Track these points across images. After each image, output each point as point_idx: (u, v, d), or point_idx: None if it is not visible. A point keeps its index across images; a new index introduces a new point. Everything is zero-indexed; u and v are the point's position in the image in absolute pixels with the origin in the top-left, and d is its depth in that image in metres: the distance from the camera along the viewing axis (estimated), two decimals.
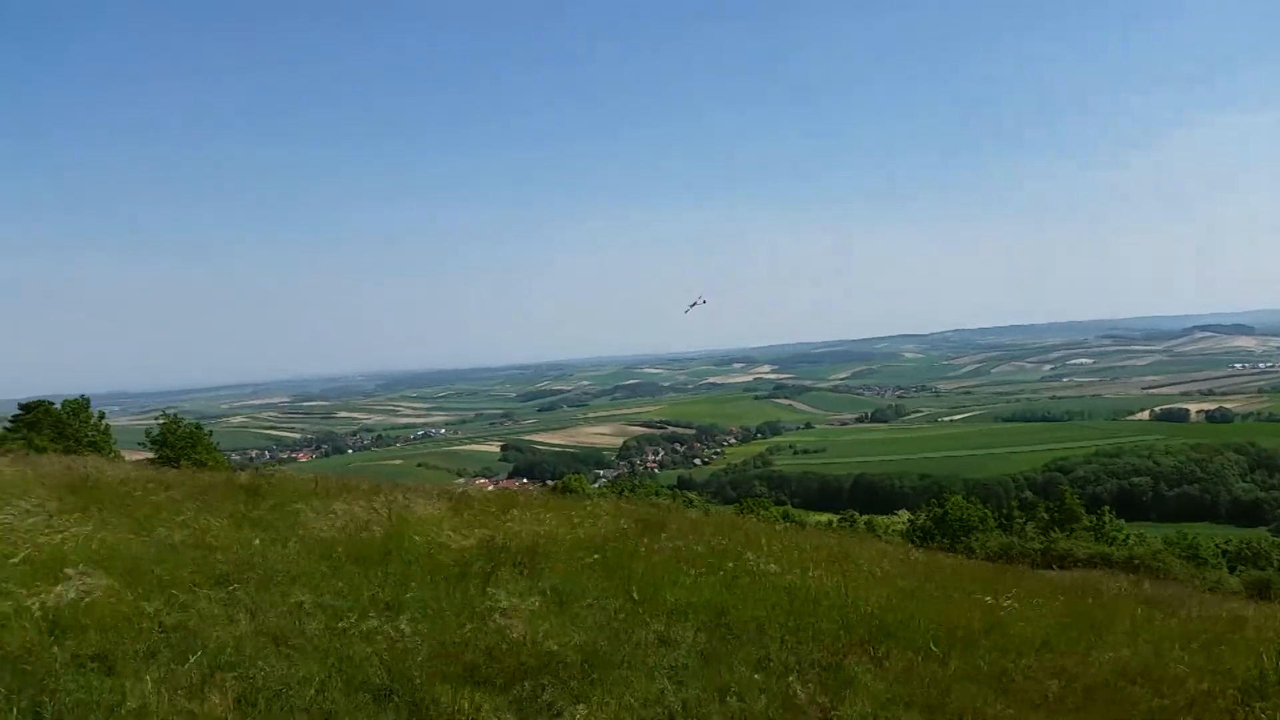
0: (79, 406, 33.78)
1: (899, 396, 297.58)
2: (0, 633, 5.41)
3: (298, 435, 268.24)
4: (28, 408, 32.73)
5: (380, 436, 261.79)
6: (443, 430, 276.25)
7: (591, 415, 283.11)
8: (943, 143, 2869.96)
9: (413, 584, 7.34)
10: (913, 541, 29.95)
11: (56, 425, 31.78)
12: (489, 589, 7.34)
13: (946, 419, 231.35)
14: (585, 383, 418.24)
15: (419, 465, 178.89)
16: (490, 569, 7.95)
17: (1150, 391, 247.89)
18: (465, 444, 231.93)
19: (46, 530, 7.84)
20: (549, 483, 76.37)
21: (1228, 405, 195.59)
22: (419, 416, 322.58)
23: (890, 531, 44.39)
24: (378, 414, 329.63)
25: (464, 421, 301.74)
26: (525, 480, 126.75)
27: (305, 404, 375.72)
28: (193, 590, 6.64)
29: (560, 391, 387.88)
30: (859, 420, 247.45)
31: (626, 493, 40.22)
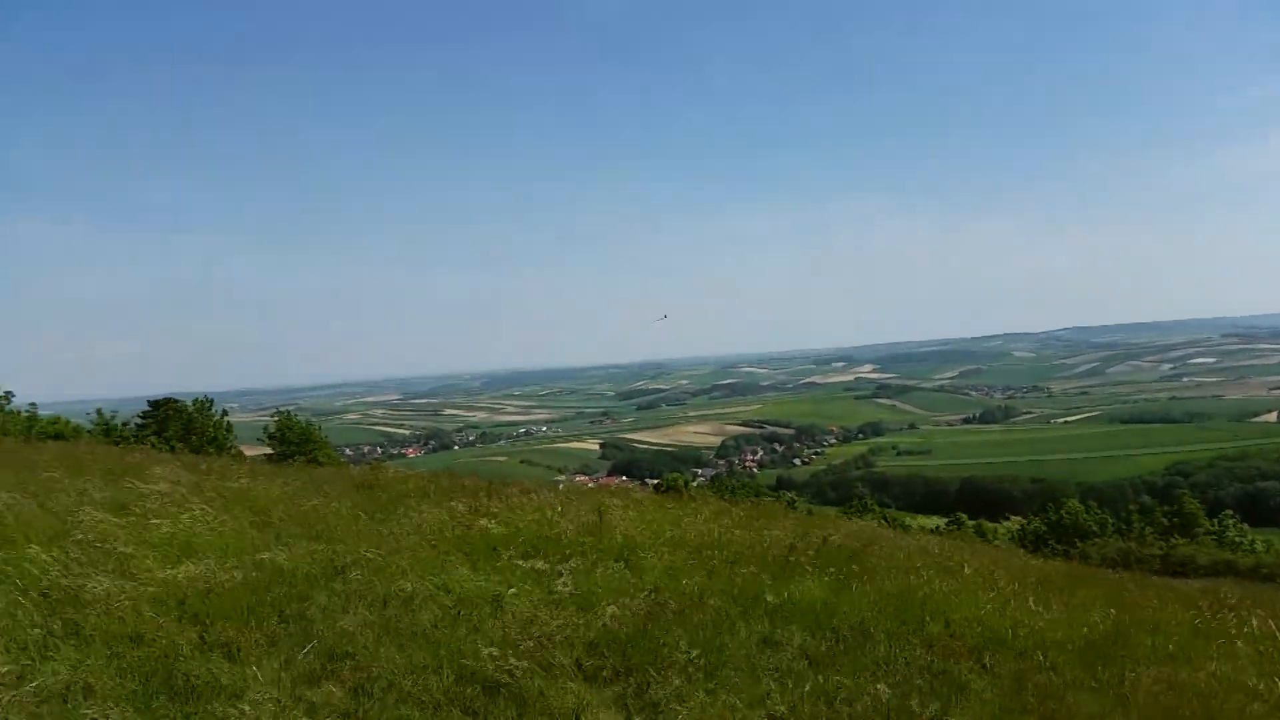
0: (204, 405, 35.15)
1: (1009, 397, 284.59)
2: (129, 618, 5.60)
3: (407, 432, 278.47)
4: (157, 404, 34.20)
5: (485, 434, 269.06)
6: (544, 428, 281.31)
7: (690, 414, 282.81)
8: (1055, 133, 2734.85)
9: (516, 575, 7.40)
10: (1024, 547, 28.80)
11: (184, 423, 33.23)
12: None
13: (1060, 420, 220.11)
14: (684, 381, 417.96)
15: (521, 462, 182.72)
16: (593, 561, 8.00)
17: (1278, 392, 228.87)
18: (566, 441, 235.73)
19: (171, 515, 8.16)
20: (648, 481, 76.67)
21: None
22: (522, 414, 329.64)
23: (1000, 537, 42.66)
24: (483, 411, 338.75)
25: (565, 420, 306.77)
26: (624, 477, 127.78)
27: (414, 401, 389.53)
28: (310, 580, 6.77)
29: (659, 390, 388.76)
30: (966, 421, 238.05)
31: (727, 493, 40.07)
